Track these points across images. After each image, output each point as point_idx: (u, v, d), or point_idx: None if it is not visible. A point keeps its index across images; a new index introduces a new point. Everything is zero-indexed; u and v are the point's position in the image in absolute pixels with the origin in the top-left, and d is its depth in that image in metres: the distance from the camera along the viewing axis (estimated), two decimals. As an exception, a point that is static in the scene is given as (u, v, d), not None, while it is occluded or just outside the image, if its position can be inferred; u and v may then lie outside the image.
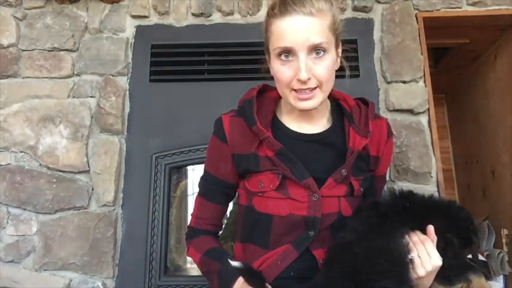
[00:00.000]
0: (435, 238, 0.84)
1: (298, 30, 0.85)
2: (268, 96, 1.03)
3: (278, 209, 0.91)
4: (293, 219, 0.90)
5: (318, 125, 0.99)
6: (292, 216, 0.90)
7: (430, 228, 0.85)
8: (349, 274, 0.77)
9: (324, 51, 0.87)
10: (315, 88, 0.88)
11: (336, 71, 0.95)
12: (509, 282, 2.05)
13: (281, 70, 0.89)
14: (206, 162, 1.05)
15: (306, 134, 0.97)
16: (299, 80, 0.86)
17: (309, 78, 0.86)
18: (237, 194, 1.05)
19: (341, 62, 0.98)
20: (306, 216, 0.90)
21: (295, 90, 0.89)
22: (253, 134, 0.94)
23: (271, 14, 0.90)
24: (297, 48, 0.85)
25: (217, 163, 1.00)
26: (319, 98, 0.90)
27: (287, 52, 0.87)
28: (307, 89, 0.87)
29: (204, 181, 1.05)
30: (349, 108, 1.00)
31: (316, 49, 0.86)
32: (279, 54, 0.88)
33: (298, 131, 0.98)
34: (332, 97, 1.03)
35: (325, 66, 0.88)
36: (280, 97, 1.02)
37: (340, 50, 0.96)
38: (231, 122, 0.98)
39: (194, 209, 1.06)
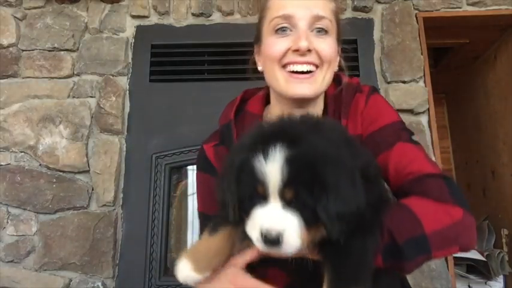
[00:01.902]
0: None
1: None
2: (250, 111, 0.88)
3: None
4: None
5: None
6: None
7: None
8: None
9: (326, 32, 0.76)
10: (315, 68, 0.75)
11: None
12: (509, 282, 2.05)
13: (274, 42, 0.76)
14: (201, 204, 0.87)
15: None
16: (296, 51, 0.73)
17: (309, 50, 0.73)
18: None
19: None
20: None
21: (286, 66, 0.74)
22: None
23: None
24: (298, 16, 0.74)
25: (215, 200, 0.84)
26: (317, 84, 0.76)
27: (285, 23, 0.75)
28: (304, 62, 0.74)
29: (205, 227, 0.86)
30: (327, 99, 0.84)
31: (318, 27, 0.75)
32: (275, 30, 0.76)
33: None
34: None
35: (329, 44, 0.76)
36: (264, 107, 0.87)
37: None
38: (215, 153, 0.85)
39: None
